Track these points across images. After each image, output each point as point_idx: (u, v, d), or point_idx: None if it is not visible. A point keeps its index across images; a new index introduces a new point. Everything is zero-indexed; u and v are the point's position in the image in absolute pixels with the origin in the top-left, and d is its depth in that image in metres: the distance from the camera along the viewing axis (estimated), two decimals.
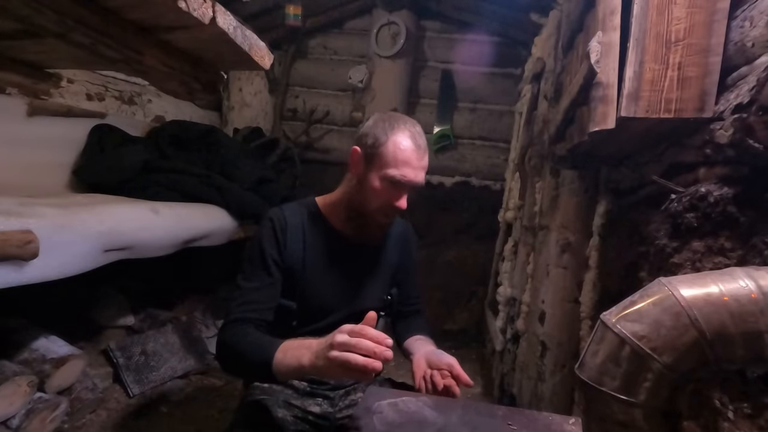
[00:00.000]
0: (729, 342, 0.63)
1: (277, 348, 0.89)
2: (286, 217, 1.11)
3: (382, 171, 1.03)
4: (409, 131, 1.05)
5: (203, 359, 2.24)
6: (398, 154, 1.02)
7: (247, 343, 0.95)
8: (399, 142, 1.03)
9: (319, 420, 1.12)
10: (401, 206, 1.06)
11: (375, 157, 1.04)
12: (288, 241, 1.09)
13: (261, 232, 1.10)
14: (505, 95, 3.26)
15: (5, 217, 1.11)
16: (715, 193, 0.79)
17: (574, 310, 1.40)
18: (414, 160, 1.04)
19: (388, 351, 0.76)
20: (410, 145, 1.04)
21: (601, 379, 0.72)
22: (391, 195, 1.05)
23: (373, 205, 1.07)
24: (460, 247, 3.36)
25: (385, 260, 1.23)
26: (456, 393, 0.97)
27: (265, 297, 1.05)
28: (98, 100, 2.36)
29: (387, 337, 0.77)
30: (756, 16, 0.77)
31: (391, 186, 1.04)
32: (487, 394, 2.38)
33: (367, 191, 1.06)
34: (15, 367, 1.53)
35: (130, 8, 1.15)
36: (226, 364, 1.02)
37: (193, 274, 2.59)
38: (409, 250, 1.30)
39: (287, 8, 3.04)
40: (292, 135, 3.48)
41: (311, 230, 1.13)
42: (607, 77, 0.94)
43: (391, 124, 1.05)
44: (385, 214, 1.08)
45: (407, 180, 1.03)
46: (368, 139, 1.06)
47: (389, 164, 1.03)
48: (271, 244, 1.08)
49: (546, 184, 1.90)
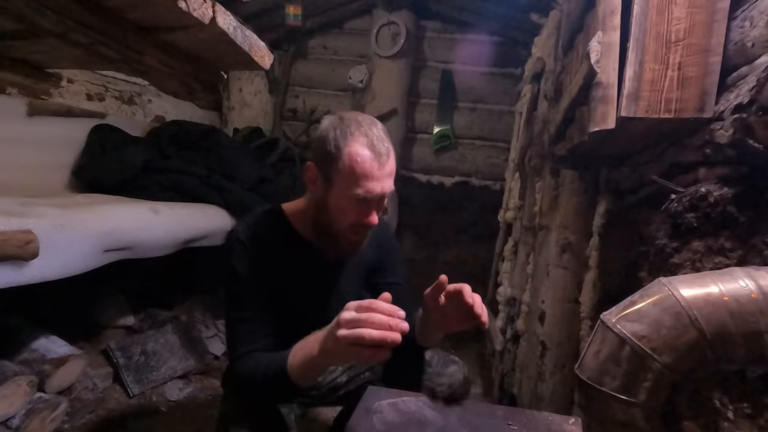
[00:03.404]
0: (729, 342, 0.63)
1: (289, 354, 0.86)
2: (256, 234, 1.03)
3: (343, 190, 0.92)
4: (365, 137, 0.91)
5: (203, 359, 2.24)
6: (356, 169, 0.89)
7: (258, 365, 0.92)
8: (355, 153, 0.89)
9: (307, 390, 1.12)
10: (371, 222, 0.96)
11: (332, 174, 0.92)
12: (263, 259, 1.02)
13: (234, 256, 1.01)
14: (505, 95, 3.26)
15: (5, 217, 1.11)
16: (715, 193, 0.79)
17: (574, 310, 1.40)
18: (375, 170, 0.90)
19: (403, 323, 0.70)
20: (368, 155, 0.90)
21: (601, 379, 0.72)
22: (358, 213, 0.95)
23: (342, 224, 0.97)
24: (460, 247, 3.36)
25: (360, 265, 1.16)
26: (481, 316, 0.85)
27: (262, 322, 0.99)
28: (98, 100, 2.36)
29: (399, 309, 0.71)
30: (756, 16, 0.77)
31: (357, 203, 0.93)
32: (487, 394, 2.38)
33: (332, 212, 0.96)
34: (15, 367, 1.53)
35: (130, 8, 1.15)
36: (248, 394, 0.97)
37: (193, 273, 2.59)
38: (384, 247, 1.20)
39: (287, 8, 3.04)
40: (292, 135, 3.48)
41: (284, 246, 1.05)
42: (607, 77, 0.94)
43: (343, 131, 0.91)
44: (355, 231, 0.99)
45: (373, 195, 0.92)
46: (320, 153, 0.94)
47: (349, 182, 0.90)
48: (247, 268, 1.00)
49: (546, 184, 1.90)
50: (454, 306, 0.87)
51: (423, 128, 3.40)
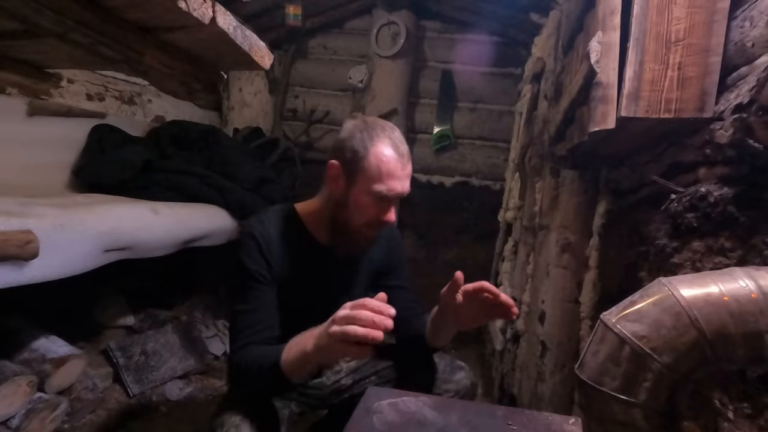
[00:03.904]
0: (729, 342, 0.63)
1: (283, 348, 0.89)
2: (268, 232, 1.05)
3: (366, 187, 0.97)
4: (389, 139, 0.98)
5: (203, 359, 2.24)
6: (382, 167, 0.96)
7: (255, 356, 0.95)
8: (381, 153, 0.96)
9: (309, 389, 1.13)
10: (390, 219, 1.02)
11: (357, 173, 0.98)
12: (273, 256, 1.04)
13: (245, 250, 1.04)
14: (505, 95, 3.26)
15: (5, 217, 1.11)
16: (715, 193, 0.79)
17: (574, 310, 1.40)
18: (399, 170, 0.98)
19: (388, 320, 0.74)
20: (393, 155, 0.97)
21: (601, 379, 0.72)
22: (378, 210, 1.00)
23: (360, 220, 1.01)
24: (460, 247, 3.36)
25: (369, 267, 1.19)
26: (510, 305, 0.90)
27: (265, 315, 1.02)
28: (98, 100, 2.36)
29: (389, 307, 0.75)
30: (756, 16, 0.77)
31: (378, 201, 0.99)
32: (487, 394, 2.38)
33: (352, 208, 1.00)
34: (15, 367, 1.53)
35: (130, 8, 1.16)
36: (244, 386, 1.00)
37: (193, 273, 2.59)
38: (393, 250, 1.24)
39: (287, 8, 3.04)
40: (292, 135, 3.48)
41: (295, 245, 1.08)
42: (607, 77, 0.94)
43: (369, 133, 0.98)
44: (373, 227, 1.04)
45: (395, 193, 0.98)
46: (346, 152, 0.98)
47: (374, 179, 0.96)
48: (256, 261, 1.03)
49: (546, 184, 1.90)
50: (472, 303, 0.92)
51: (423, 128, 3.40)
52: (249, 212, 2.19)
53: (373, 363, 1.23)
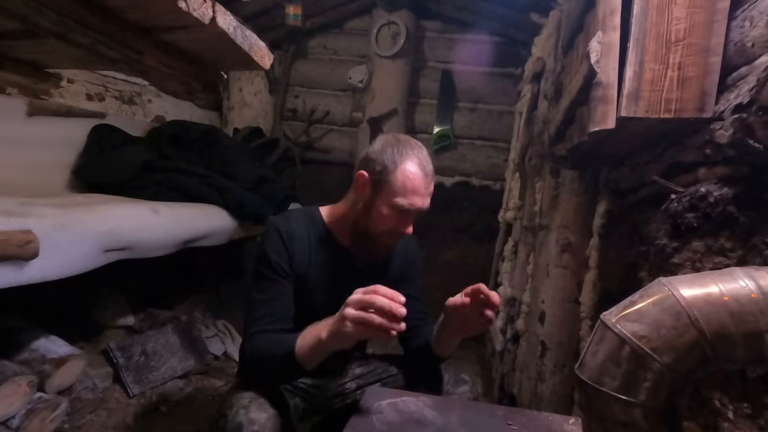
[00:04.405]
0: (729, 342, 0.63)
1: (297, 336, 0.93)
2: (293, 228, 1.11)
3: (390, 199, 1.03)
4: (417, 158, 1.05)
5: (203, 359, 2.24)
6: (407, 183, 1.03)
7: (268, 344, 0.98)
8: (408, 170, 1.03)
9: (313, 389, 1.17)
10: (408, 232, 1.08)
11: (383, 185, 1.04)
12: (295, 252, 1.09)
13: (268, 241, 1.09)
14: (505, 95, 3.26)
15: (5, 217, 1.11)
16: (715, 193, 0.79)
17: (574, 310, 1.40)
18: (422, 188, 1.04)
19: (401, 308, 0.79)
20: (419, 173, 1.04)
21: (601, 379, 0.72)
22: (398, 221, 1.06)
23: (380, 228, 1.08)
24: (460, 247, 3.36)
25: (387, 275, 1.23)
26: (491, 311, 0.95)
27: (281, 306, 1.06)
28: (98, 100, 2.36)
29: (400, 294, 0.80)
30: (756, 16, 0.77)
31: (399, 213, 1.05)
32: (487, 394, 2.38)
33: (374, 217, 1.06)
34: (15, 367, 1.53)
35: (130, 8, 1.16)
36: (254, 373, 1.04)
37: (193, 274, 2.59)
38: (410, 261, 1.31)
39: (287, 8, 3.04)
40: (292, 135, 3.48)
41: (317, 245, 1.13)
42: (607, 77, 0.94)
43: (399, 150, 1.05)
44: (391, 236, 1.10)
45: (416, 208, 1.05)
46: (376, 165, 1.05)
47: (398, 193, 1.03)
48: (279, 254, 1.07)
49: (546, 184, 1.90)
50: (474, 307, 0.96)
51: (423, 128, 3.40)
52: (249, 212, 2.19)
53: (378, 371, 1.25)
